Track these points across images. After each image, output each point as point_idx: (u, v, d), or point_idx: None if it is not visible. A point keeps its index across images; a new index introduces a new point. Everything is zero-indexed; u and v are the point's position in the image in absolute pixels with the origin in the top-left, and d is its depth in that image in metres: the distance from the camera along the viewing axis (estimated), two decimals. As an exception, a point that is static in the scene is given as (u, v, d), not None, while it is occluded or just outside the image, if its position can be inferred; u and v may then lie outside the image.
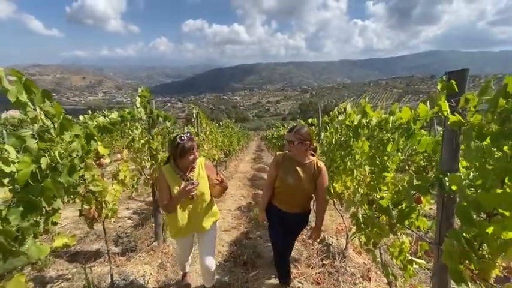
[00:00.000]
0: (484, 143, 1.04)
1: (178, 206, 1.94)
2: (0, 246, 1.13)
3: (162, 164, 2.16)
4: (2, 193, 1.31)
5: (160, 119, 2.79)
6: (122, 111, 2.44)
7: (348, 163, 2.24)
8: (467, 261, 1.03)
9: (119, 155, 2.59)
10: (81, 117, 2.06)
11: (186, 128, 5.99)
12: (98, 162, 1.98)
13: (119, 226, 4.02)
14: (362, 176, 2.01)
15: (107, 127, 1.98)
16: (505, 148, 0.91)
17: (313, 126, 5.01)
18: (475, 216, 1.02)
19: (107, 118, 2.14)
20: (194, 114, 5.24)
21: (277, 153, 2.24)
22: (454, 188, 1.10)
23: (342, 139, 2.57)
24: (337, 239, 3.19)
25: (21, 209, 1.23)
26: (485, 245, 1.00)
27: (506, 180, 0.92)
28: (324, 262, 2.76)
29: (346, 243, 2.93)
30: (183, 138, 1.86)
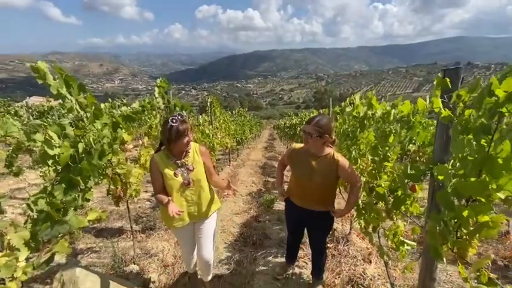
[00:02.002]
0: (470, 136, 1.14)
1: (174, 194, 1.82)
2: (49, 216, 1.37)
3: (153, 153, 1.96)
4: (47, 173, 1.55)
5: (177, 109, 2.97)
6: (143, 101, 2.65)
7: (353, 152, 2.35)
8: (449, 243, 1.17)
9: (140, 141, 2.82)
10: (102, 106, 2.27)
11: (200, 116, 6.20)
12: (122, 147, 2.21)
13: (139, 207, 4.35)
14: (365, 165, 2.13)
15: (130, 116, 2.18)
16: (482, 141, 1.01)
17: (326, 117, 5.07)
18: (456, 202, 1.14)
19: (129, 108, 2.35)
20: (208, 103, 5.42)
21: (292, 144, 2.23)
22: (440, 177, 1.21)
23: (349, 130, 2.67)
24: (342, 225, 3.35)
25: (63, 186, 1.47)
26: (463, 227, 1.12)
27: (483, 171, 1.03)
28: (328, 245, 2.93)
29: (350, 229, 3.08)
30: (174, 120, 1.72)
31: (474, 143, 1.04)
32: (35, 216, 1.39)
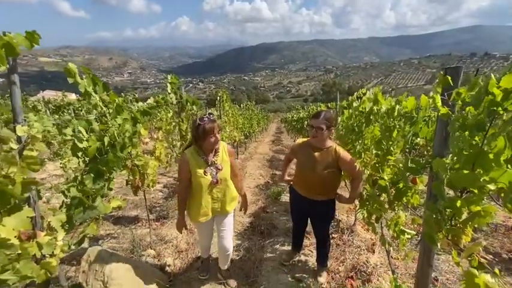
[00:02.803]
0: (467, 132, 1.22)
1: (203, 191, 1.92)
2: (81, 202, 1.54)
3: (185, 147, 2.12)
4: (75, 164, 1.70)
5: (189, 104, 3.11)
6: (157, 97, 2.79)
7: (358, 146, 2.44)
8: (443, 230, 1.26)
9: (152, 135, 2.98)
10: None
11: (209, 110, 6.34)
12: (139, 141, 2.37)
13: (152, 197, 4.56)
14: (369, 159, 2.21)
15: (146, 111, 2.33)
16: (476, 138, 1.10)
17: (331, 111, 5.12)
18: (452, 193, 1.24)
19: (145, 103, 2.50)
20: (218, 98, 5.53)
21: (297, 139, 2.40)
22: (437, 170, 1.30)
23: (355, 124, 2.75)
24: (347, 217, 3.46)
25: (92, 175, 1.63)
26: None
27: (476, 164, 1.11)
28: (334, 236, 3.05)
29: (355, 220, 3.19)
30: (204, 119, 1.84)
31: (469, 138, 1.13)
32: (68, 202, 1.55)
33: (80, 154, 1.65)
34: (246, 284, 2.29)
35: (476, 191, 1.14)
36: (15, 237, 1.17)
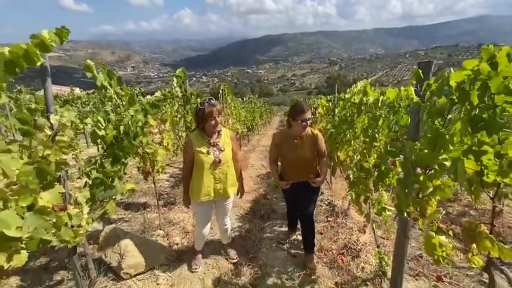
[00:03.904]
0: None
1: (205, 170, 2.05)
2: (102, 181, 1.78)
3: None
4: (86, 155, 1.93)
5: (193, 97, 3.32)
6: (164, 90, 3.01)
7: (348, 135, 2.64)
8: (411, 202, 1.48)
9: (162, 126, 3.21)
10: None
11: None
12: (149, 131, 2.60)
13: (160, 186, 4.83)
14: (358, 146, 2.42)
15: (155, 103, 2.55)
16: (436, 122, 1.30)
17: (329, 103, 5.30)
18: (419, 170, 1.44)
19: (153, 96, 2.72)
20: (221, 91, 5.73)
21: (274, 133, 2.47)
22: (407, 151, 1.51)
23: (348, 115, 2.94)
24: (342, 202, 3.69)
25: (110, 159, 1.87)
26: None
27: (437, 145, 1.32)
28: (329, 219, 3.29)
29: (349, 205, 3.42)
30: (204, 104, 2.03)
31: (431, 123, 1.33)
32: (90, 182, 1.80)
33: (99, 141, 1.89)
34: (247, 259, 2.54)
35: (437, 167, 1.34)
36: (50, 208, 1.41)
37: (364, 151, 2.23)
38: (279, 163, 2.51)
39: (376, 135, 2.11)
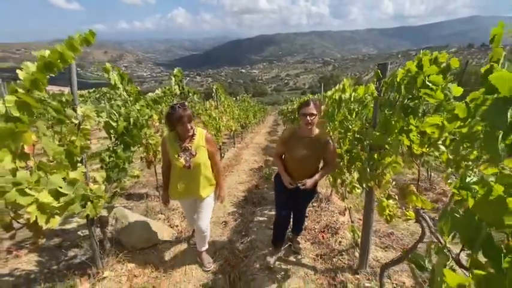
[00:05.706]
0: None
1: (176, 172, 2.05)
2: (116, 164, 2.10)
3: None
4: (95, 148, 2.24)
5: (190, 94, 3.64)
6: (163, 88, 3.33)
7: (328, 128, 3.01)
8: (369, 177, 1.84)
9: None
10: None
11: (206, 102, 6.85)
12: (151, 123, 2.92)
13: (159, 178, 5.14)
14: (335, 136, 2.78)
15: (157, 100, 2.87)
16: (385, 111, 1.66)
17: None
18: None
19: (154, 93, 3.03)
20: (214, 90, 6.05)
21: (284, 129, 2.83)
22: (367, 136, 1.87)
23: (330, 110, 3.31)
24: (326, 190, 4.06)
25: (122, 146, 2.19)
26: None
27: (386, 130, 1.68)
28: (314, 204, 3.65)
29: (331, 192, 3.79)
30: (174, 108, 1.92)
31: (383, 113, 1.69)
32: (105, 166, 2.11)
33: (112, 131, 2.21)
34: (240, 236, 2.88)
35: (387, 147, 1.71)
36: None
37: (340, 140, 2.60)
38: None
39: (350, 126, 2.48)
